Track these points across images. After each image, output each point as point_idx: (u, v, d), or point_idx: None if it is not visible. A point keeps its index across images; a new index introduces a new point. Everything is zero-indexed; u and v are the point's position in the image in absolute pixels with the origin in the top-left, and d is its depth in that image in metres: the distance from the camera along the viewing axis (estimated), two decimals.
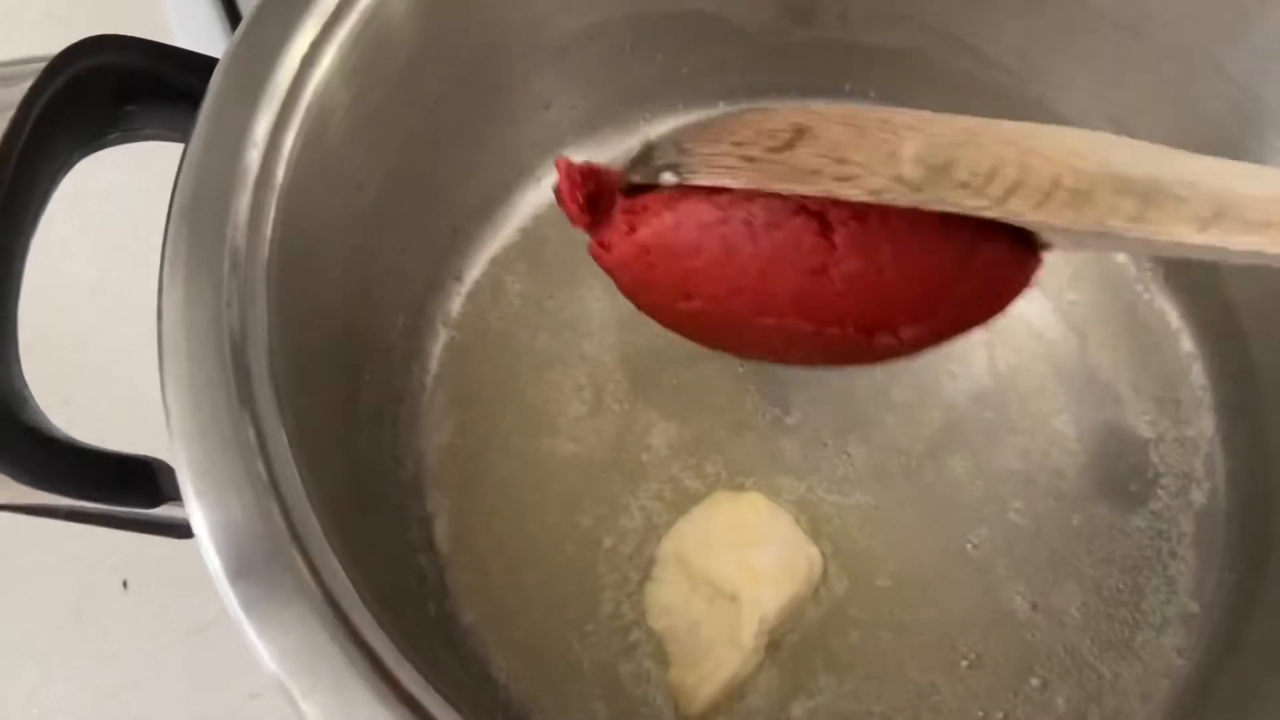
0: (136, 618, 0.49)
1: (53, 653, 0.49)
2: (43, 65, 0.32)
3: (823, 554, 0.41)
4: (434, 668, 0.27)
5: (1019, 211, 0.26)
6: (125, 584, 0.50)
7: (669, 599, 0.40)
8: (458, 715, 0.26)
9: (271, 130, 0.30)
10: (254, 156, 0.30)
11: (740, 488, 0.43)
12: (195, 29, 0.56)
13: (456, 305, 0.46)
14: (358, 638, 0.26)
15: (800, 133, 0.28)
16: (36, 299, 0.31)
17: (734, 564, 0.39)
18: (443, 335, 0.45)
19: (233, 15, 0.57)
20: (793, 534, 0.41)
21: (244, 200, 0.29)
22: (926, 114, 0.29)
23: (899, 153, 0.27)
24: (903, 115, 0.29)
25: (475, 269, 0.46)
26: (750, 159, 0.28)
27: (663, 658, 0.40)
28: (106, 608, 0.49)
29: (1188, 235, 0.25)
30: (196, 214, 0.29)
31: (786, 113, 0.29)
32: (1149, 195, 0.26)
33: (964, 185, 0.27)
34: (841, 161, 0.27)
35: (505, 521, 0.43)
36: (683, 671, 0.39)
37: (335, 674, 0.25)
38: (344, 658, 0.25)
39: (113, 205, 0.57)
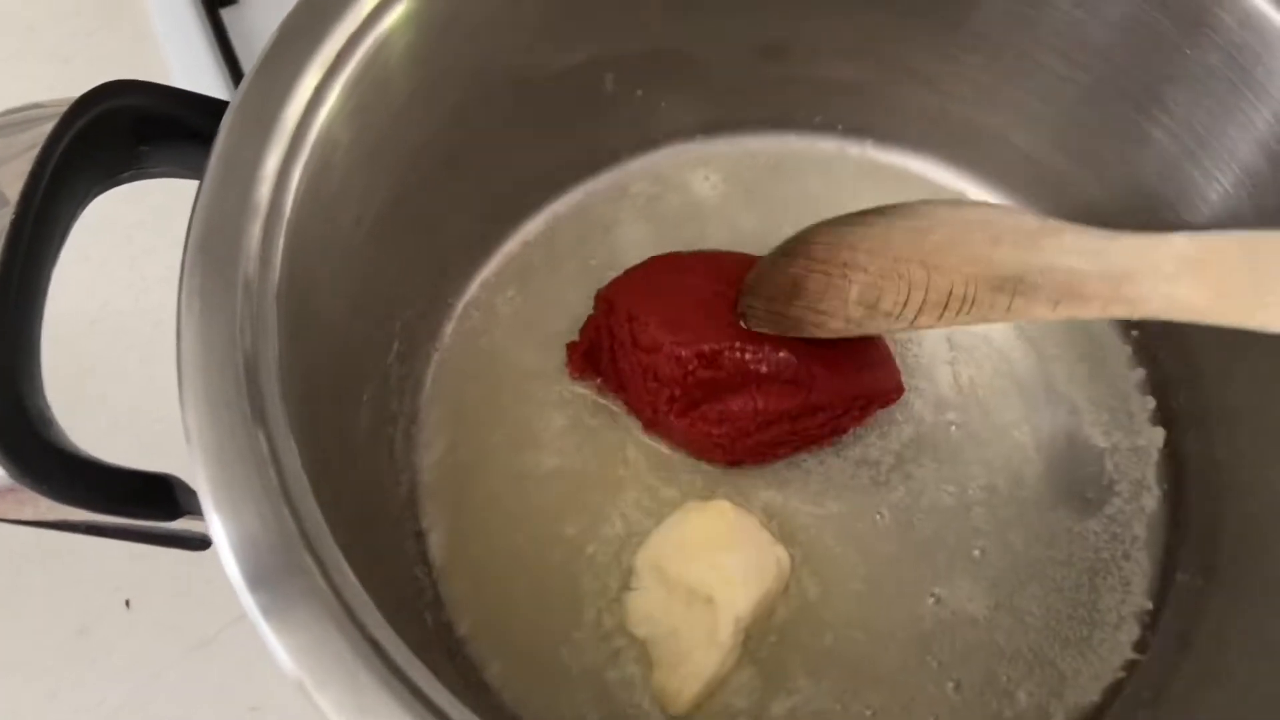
0: (139, 635, 0.51)
1: (58, 671, 0.50)
2: (62, 108, 0.34)
3: (794, 560, 0.44)
4: (436, 674, 0.29)
5: (928, 323, 0.37)
6: (128, 603, 0.51)
7: (648, 607, 0.43)
8: (464, 709, 0.28)
9: (280, 166, 0.32)
10: (264, 191, 0.32)
11: (713, 497, 0.45)
12: (192, 69, 0.59)
13: (448, 328, 0.48)
14: (368, 635, 0.28)
15: (795, 286, 0.41)
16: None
17: (707, 568, 0.42)
18: (435, 357, 0.48)
19: (229, 57, 0.59)
20: (760, 536, 0.43)
21: (255, 231, 0.31)
22: (873, 235, 0.39)
23: (848, 297, 0.39)
24: (856, 246, 0.39)
25: (466, 294, 0.49)
26: (773, 313, 0.42)
27: (646, 662, 0.42)
28: (110, 626, 0.51)
29: (1046, 314, 0.34)
30: (211, 244, 0.31)
31: (792, 267, 0.42)
32: (1017, 288, 0.35)
33: (888, 314, 0.38)
34: (817, 311, 0.40)
35: (495, 534, 0.45)
36: (666, 674, 0.41)
37: (347, 669, 0.27)
38: (355, 654, 0.27)
39: (110, 238, 0.59)
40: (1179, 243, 0.32)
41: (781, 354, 0.42)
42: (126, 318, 0.57)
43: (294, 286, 0.32)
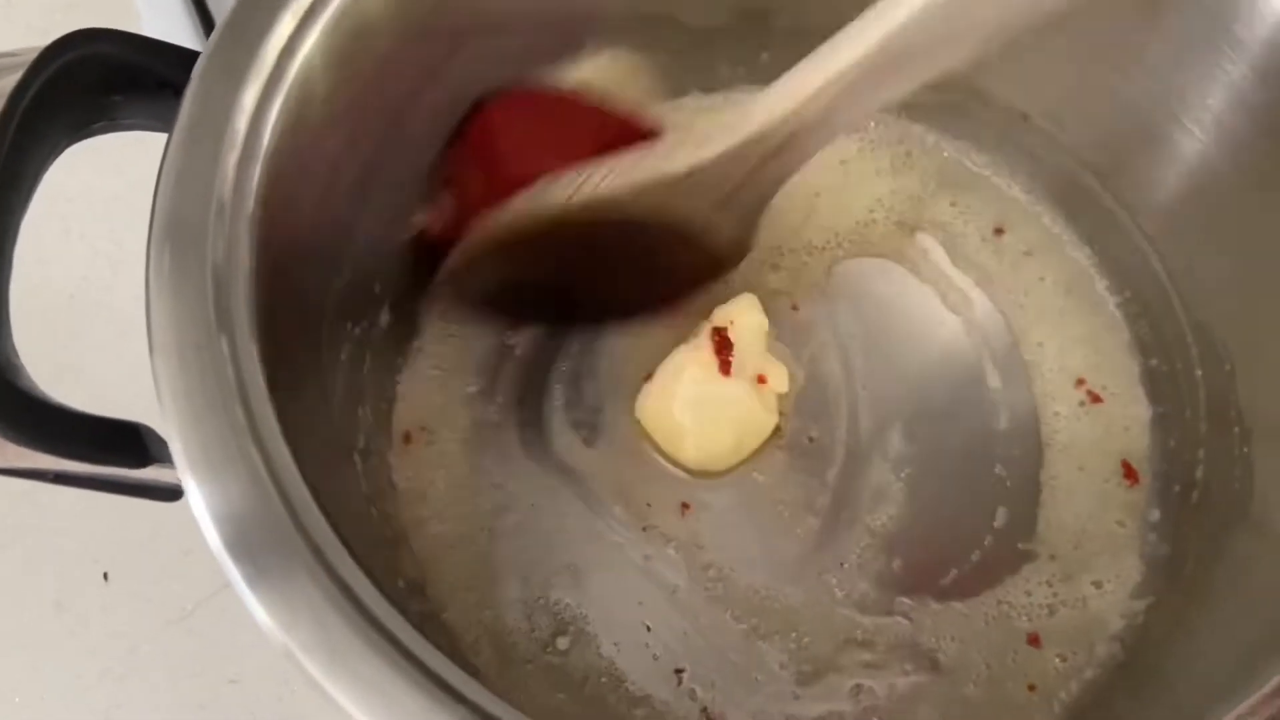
0: (118, 609, 0.51)
1: (35, 644, 0.50)
2: (32, 57, 0.34)
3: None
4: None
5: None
6: (106, 576, 0.51)
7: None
8: (460, 672, 0.27)
9: (258, 102, 0.32)
10: (241, 124, 0.32)
11: None
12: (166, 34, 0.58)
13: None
14: (350, 593, 0.27)
15: None
16: (16, 304, 0.32)
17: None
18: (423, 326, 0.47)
19: (206, 22, 0.58)
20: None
21: (231, 160, 0.31)
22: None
23: None
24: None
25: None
26: None
27: None
28: (88, 599, 0.51)
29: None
30: (185, 176, 0.31)
31: None
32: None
33: None
34: None
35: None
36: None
37: (336, 636, 0.27)
38: (345, 622, 0.27)
39: (89, 210, 0.58)
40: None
41: None
42: (105, 292, 0.57)
43: (270, 221, 0.32)
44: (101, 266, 0.58)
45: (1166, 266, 0.45)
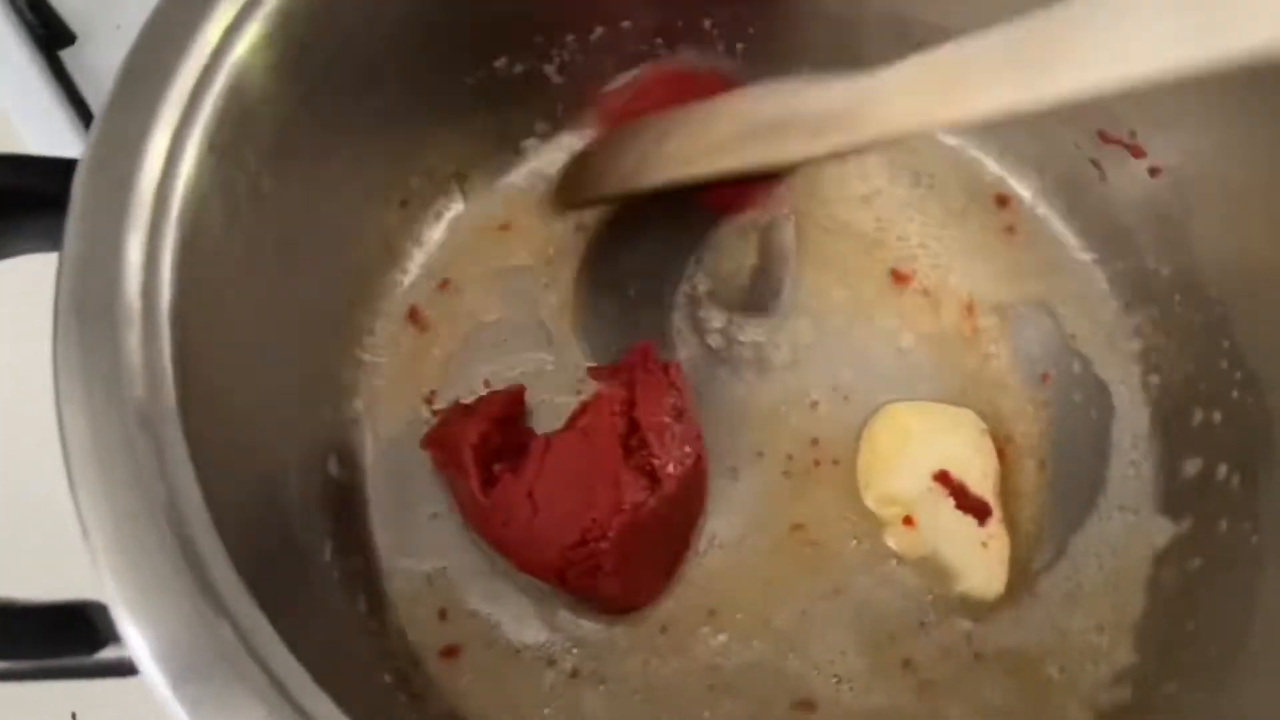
0: None
1: None
2: None
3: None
4: None
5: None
6: (74, 716, 0.48)
7: (908, 531, 0.42)
8: None
9: (150, 221, 0.29)
10: (136, 253, 0.29)
11: None
12: (38, 119, 0.53)
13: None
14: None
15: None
16: None
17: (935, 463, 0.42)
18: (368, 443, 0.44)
19: (76, 100, 0.54)
20: (942, 411, 0.44)
21: (134, 288, 0.28)
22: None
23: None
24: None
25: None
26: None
27: None
28: None
29: (807, 150, 0.37)
30: (83, 311, 0.28)
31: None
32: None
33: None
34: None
35: None
36: (972, 572, 0.41)
37: None
38: None
39: None
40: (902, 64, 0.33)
41: None
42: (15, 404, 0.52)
43: (186, 344, 0.29)
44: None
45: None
